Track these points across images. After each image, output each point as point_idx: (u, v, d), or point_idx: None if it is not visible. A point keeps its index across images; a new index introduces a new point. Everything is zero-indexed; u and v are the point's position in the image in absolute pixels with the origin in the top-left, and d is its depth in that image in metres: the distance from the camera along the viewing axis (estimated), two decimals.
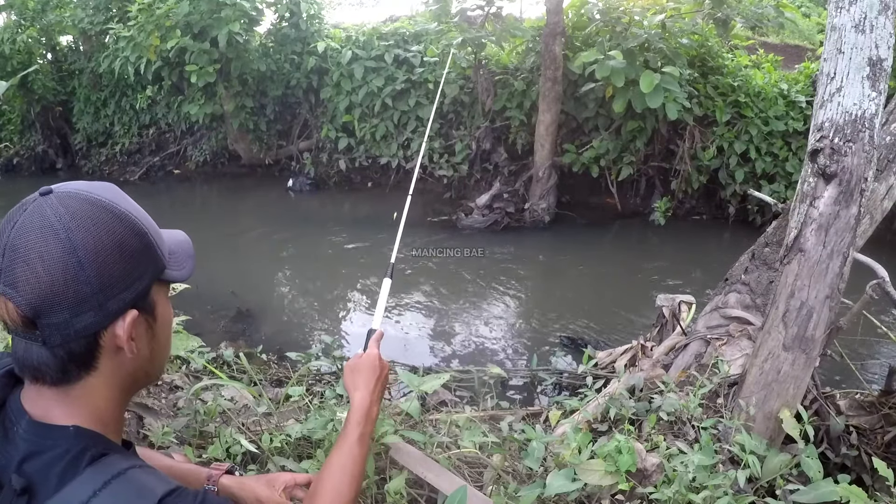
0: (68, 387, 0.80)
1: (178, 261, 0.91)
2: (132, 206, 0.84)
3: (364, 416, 1.22)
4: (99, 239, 0.77)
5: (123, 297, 0.79)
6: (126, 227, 0.80)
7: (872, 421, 2.10)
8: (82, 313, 0.76)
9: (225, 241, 7.10)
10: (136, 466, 0.79)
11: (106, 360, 0.81)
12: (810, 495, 1.61)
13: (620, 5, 6.93)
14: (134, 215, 0.82)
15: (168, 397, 2.28)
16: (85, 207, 0.78)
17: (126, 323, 0.80)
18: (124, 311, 0.80)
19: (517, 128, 7.84)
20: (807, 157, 1.76)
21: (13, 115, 11.07)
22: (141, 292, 0.82)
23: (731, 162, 7.10)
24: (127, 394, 0.88)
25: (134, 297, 0.81)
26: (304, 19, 8.77)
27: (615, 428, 2.06)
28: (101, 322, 0.78)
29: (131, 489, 0.75)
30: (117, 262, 0.78)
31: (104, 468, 0.76)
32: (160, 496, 0.74)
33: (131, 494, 0.74)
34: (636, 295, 5.42)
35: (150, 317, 0.85)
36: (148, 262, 0.83)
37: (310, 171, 9.31)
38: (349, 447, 1.17)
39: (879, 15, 1.65)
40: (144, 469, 0.80)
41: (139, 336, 0.83)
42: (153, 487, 0.76)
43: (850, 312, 2.12)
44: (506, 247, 6.73)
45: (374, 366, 1.32)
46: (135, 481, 0.76)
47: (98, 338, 0.79)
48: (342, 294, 5.46)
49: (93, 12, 9.73)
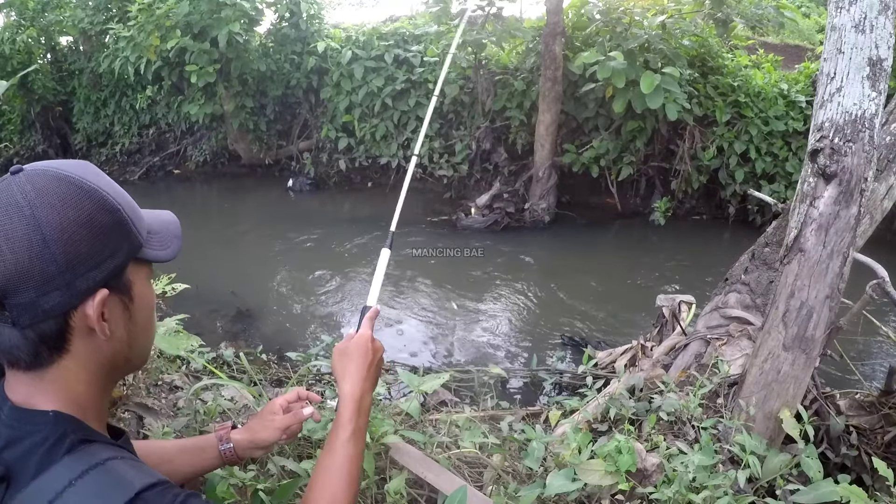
0: (42, 371, 0.78)
1: (162, 240, 0.88)
2: (105, 182, 0.81)
3: (355, 408, 1.10)
4: (65, 215, 0.74)
5: (93, 275, 0.76)
6: (95, 203, 0.77)
7: (872, 421, 2.10)
8: (49, 292, 0.73)
9: (225, 241, 7.10)
10: (118, 457, 0.76)
11: (79, 343, 0.78)
12: (810, 495, 1.62)
13: (621, 6, 6.93)
14: (105, 191, 0.79)
15: (168, 397, 2.28)
16: (53, 184, 0.75)
17: (95, 302, 0.77)
18: (94, 291, 0.77)
19: (517, 128, 7.84)
20: (807, 157, 1.76)
21: (13, 115, 11.06)
22: (113, 271, 0.79)
23: (731, 162, 7.10)
24: (107, 379, 0.85)
25: (105, 276, 0.78)
26: (304, 19, 8.78)
27: (615, 428, 2.06)
28: (70, 301, 0.75)
29: (109, 480, 0.73)
30: (85, 239, 0.75)
31: (83, 457, 0.74)
32: (138, 489, 0.72)
33: (108, 486, 0.72)
34: (636, 295, 5.42)
35: (125, 297, 0.82)
36: (120, 240, 0.79)
37: (310, 171, 9.31)
38: (342, 446, 1.06)
39: (879, 15, 1.65)
40: (126, 460, 0.77)
41: (114, 317, 0.80)
42: (132, 480, 0.73)
43: (850, 312, 2.13)
44: (506, 247, 6.73)
45: (366, 349, 1.18)
46: (113, 472, 0.74)
47: (68, 318, 0.76)
48: (342, 294, 5.46)
49: (93, 12, 9.73)
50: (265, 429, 1.23)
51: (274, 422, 1.24)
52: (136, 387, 2.10)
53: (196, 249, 6.76)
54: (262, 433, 1.23)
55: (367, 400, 1.14)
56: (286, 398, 1.29)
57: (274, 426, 1.23)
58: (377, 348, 1.21)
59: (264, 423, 1.24)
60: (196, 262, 5.97)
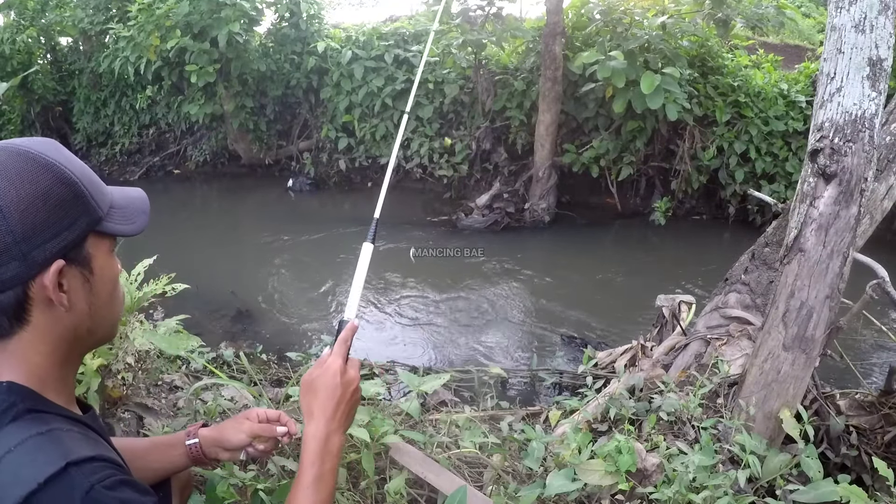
0: (3, 342, 0.80)
1: (127, 215, 0.89)
2: (65, 157, 0.83)
3: (319, 452, 1.00)
4: (21, 188, 0.76)
5: (49, 246, 0.78)
6: (53, 176, 0.79)
7: (872, 421, 2.10)
8: (6, 263, 0.76)
9: (225, 241, 7.10)
10: (65, 429, 0.77)
11: (38, 314, 0.80)
12: (810, 495, 1.62)
13: (621, 6, 6.93)
14: (64, 166, 0.81)
15: (168, 397, 2.28)
16: (11, 159, 0.78)
17: (51, 272, 0.78)
18: (51, 262, 0.79)
19: (517, 128, 7.84)
20: (807, 157, 1.76)
21: (13, 115, 11.04)
22: (71, 243, 0.81)
23: (731, 162, 7.10)
24: (70, 351, 0.86)
25: (62, 248, 0.80)
26: (304, 19, 8.77)
27: (615, 428, 2.06)
28: (28, 272, 0.77)
29: (45, 448, 0.73)
30: (41, 210, 0.77)
31: (28, 425, 0.75)
32: (70, 461, 0.72)
33: (42, 453, 0.72)
34: (636, 295, 5.42)
35: (85, 270, 0.84)
36: (78, 213, 0.81)
37: (310, 171, 9.31)
38: (304, 490, 0.97)
39: (879, 15, 1.65)
40: (74, 433, 0.78)
41: (74, 289, 0.82)
42: (66, 451, 0.73)
43: (850, 312, 2.12)
44: (506, 247, 6.72)
45: (333, 385, 1.04)
46: (54, 441, 0.75)
47: (27, 290, 0.78)
48: (342, 294, 5.46)
49: (93, 12, 9.72)
50: (234, 430, 1.22)
51: (243, 425, 1.22)
52: (136, 387, 2.10)
53: (196, 249, 6.76)
54: (230, 433, 1.21)
55: (334, 441, 1.02)
56: (266, 412, 1.26)
57: (242, 429, 1.21)
58: (348, 381, 1.06)
59: (235, 424, 1.23)
60: (196, 262, 5.97)
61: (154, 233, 1.16)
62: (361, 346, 4.41)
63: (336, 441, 1.02)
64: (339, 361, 1.06)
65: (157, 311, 3.84)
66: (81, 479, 0.72)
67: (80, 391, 1.80)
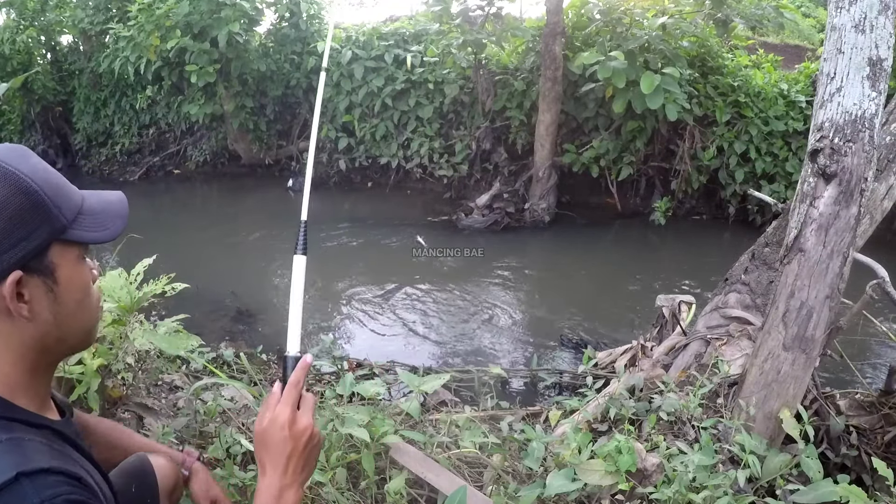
0: None
1: (100, 221, 0.88)
2: (28, 165, 0.81)
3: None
4: None
5: (6, 257, 0.77)
6: (10, 186, 0.78)
7: (872, 421, 2.10)
8: None
9: (225, 241, 7.09)
10: (29, 439, 0.77)
11: (0, 324, 0.80)
12: (810, 495, 1.62)
13: (621, 6, 6.92)
14: (24, 174, 0.79)
15: (168, 397, 2.28)
16: None
17: (7, 283, 0.78)
18: (9, 273, 0.78)
19: (517, 128, 7.84)
20: (807, 157, 1.76)
21: (13, 115, 11.05)
22: (30, 252, 0.79)
23: (731, 162, 7.10)
24: (40, 360, 0.86)
25: (21, 258, 0.79)
26: (304, 19, 8.78)
27: (615, 428, 2.06)
28: None
29: (2, 457, 0.72)
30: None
31: None
32: (21, 471, 0.71)
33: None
34: (636, 295, 5.42)
35: (48, 279, 0.82)
36: (37, 223, 0.80)
37: None
38: None
39: (879, 15, 1.65)
40: (39, 443, 0.78)
41: (36, 299, 0.81)
42: (21, 461, 0.73)
43: (850, 312, 2.13)
44: (506, 247, 6.72)
45: (282, 438, 0.94)
46: (12, 450, 0.74)
47: None
48: (342, 294, 5.46)
49: (93, 12, 9.73)
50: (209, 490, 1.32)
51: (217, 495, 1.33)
52: (136, 387, 2.10)
53: (196, 249, 6.76)
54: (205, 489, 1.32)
55: (289, 496, 0.94)
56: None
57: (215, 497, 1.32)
58: (299, 433, 0.95)
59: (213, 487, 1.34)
60: (196, 262, 5.97)
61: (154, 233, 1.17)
62: (361, 346, 4.41)
63: (291, 496, 0.94)
64: (286, 411, 0.95)
65: (157, 311, 3.84)
66: (32, 492, 0.71)
67: (80, 391, 1.80)
